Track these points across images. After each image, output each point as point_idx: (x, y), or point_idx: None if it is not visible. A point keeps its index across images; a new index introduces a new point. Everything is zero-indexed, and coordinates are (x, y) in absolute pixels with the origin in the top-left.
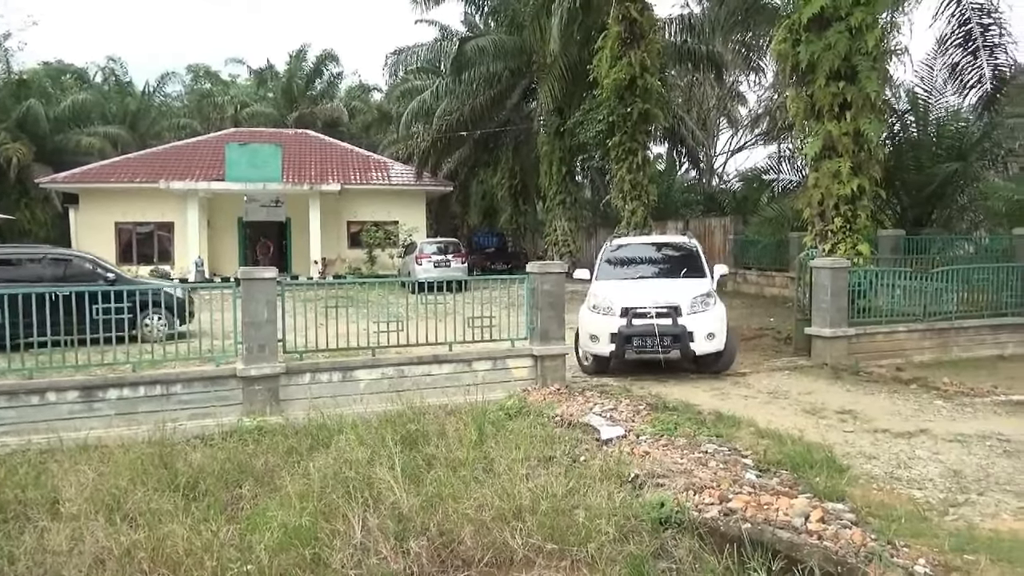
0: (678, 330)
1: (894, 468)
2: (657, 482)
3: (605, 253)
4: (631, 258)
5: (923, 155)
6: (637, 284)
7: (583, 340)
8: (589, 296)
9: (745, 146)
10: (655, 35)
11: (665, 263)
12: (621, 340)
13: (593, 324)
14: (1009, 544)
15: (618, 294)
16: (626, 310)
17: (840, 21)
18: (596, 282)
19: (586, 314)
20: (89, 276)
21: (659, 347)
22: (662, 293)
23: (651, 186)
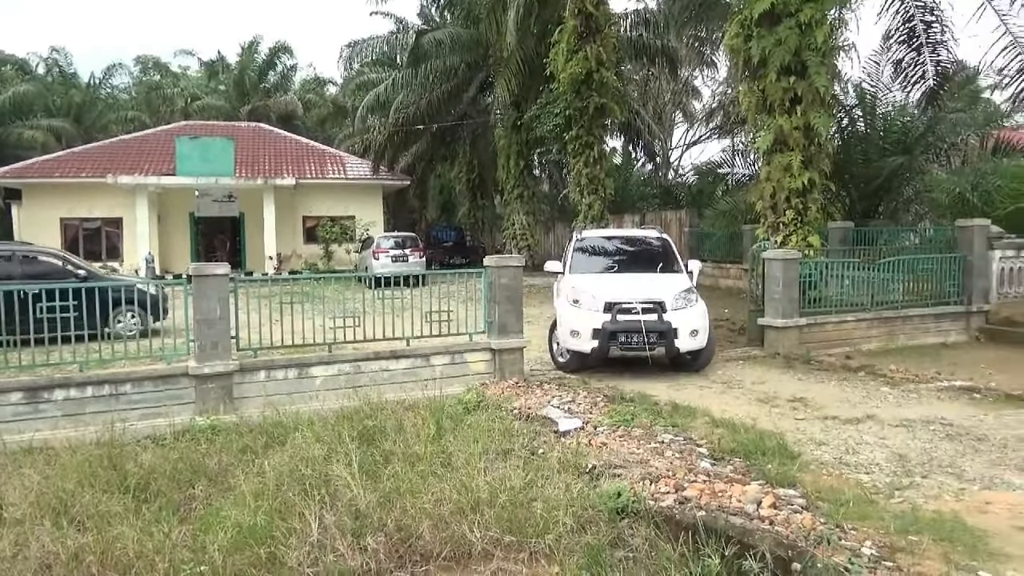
0: (664, 326)
1: (843, 453)
2: (614, 472)
3: (576, 245)
4: (605, 251)
5: (871, 149)
6: (617, 278)
7: (562, 336)
8: (564, 290)
9: (700, 140)
10: (611, 29)
11: (640, 257)
12: (605, 336)
13: (574, 319)
14: (951, 524)
15: (599, 288)
16: (610, 305)
17: (790, 17)
18: (571, 275)
19: (566, 308)
20: (60, 274)
21: (645, 344)
22: (645, 288)
23: (608, 180)
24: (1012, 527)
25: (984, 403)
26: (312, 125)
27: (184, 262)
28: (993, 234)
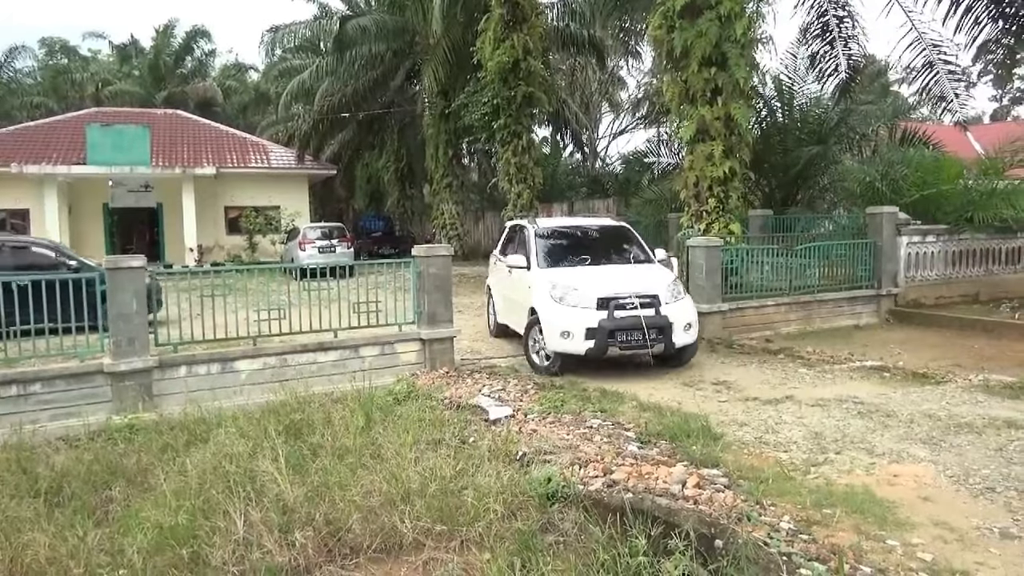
0: (662, 321)
1: (763, 433)
2: (544, 458)
3: (537, 236)
4: (570, 242)
5: (788, 139)
6: (597, 271)
7: (549, 338)
8: (540, 286)
9: (626, 129)
10: (538, 18)
11: (608, 247)
12: (603, 335)
13: (563, 318)
14: (862, 497)
15: (585, 283)
16: (604, 301)
17: (711, 9)
18: (544, 270)
19: (549, 307)
20: (51, 265)
21: (647, 341)
22: (634, 281)
23: (537, 169)
24: (917, 497)
25: (893, 381)
26: (233, 112)
27: (99, 254)
28: (901, 221)
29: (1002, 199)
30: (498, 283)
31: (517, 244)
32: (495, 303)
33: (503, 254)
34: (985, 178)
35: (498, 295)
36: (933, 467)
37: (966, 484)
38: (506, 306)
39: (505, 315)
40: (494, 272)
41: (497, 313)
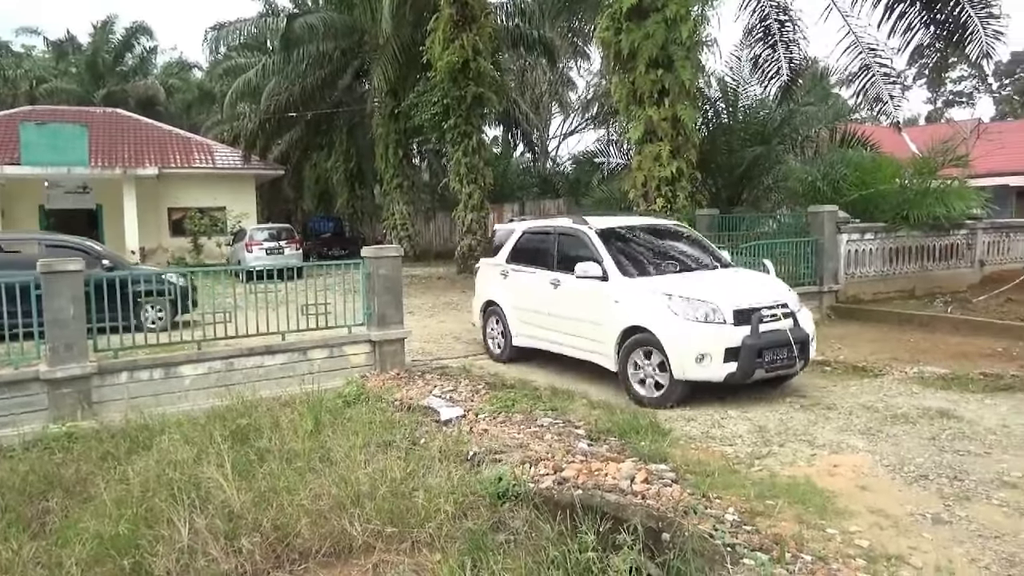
0: (804, 335)
1: (709, 428)
2: (495, 458)
3: (602, 242)
4: (642, 247)
5: (734, 140)
6: (707, 279)
7: (677, 363)
8: (649, 299)
9: (577, 130)
10: (487, 18)
11: (684, 252)
12: (749, 356)
13: (696, 338)
14: (803, 488)
15: (713, 293)
16: (743, 314)
17: (657, 12)
18: (633, 280)
19: (675, 325)
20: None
21: (795, 358)
22: (756, 290)
23: (487, 169)
24: (855, 487)
25: (834, 375)
26: (176, 111)
27: None
28: (841, 219)
29: (935, 198)
30: (518, 297)
31: (558, 251)
32: (508, 320)
33: (516, 262)
34: (919, 178)
35: (519, 311)
36: (871, 457)
37: (901, 473)
38: (545, 324)
39: (537, 335)
40: (502, 284)
41: (513, 333)
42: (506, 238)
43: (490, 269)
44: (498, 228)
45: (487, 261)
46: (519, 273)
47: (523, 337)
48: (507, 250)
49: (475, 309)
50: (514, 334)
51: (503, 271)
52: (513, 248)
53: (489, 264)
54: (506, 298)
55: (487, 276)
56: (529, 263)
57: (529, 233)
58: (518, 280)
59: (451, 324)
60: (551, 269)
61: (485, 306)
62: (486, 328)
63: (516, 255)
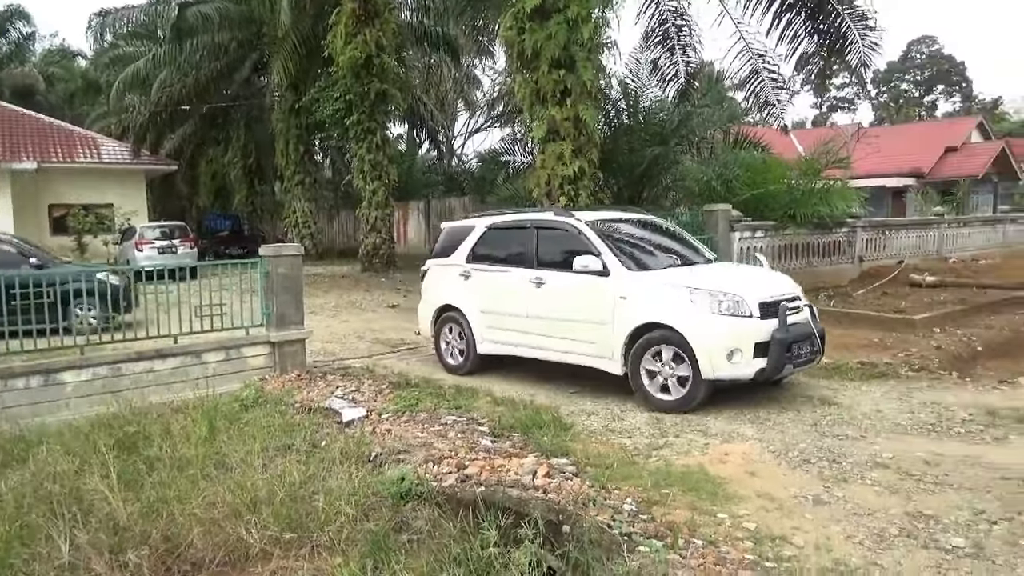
0: (820, 328)
1: (610, 421)
2: (398, 458)
3: (598, 235)
4: (636, 240)
5: (634, 140)
6: (716, 272)
7: (707, 362)
8: (666, 293)
9: (482, 128)
10: (391, 14)
11: (674, 246)
12: (780, 350)
13: (727, 334)
14: (697, 476)
15: (735, 285)
16: (766, 306)
17: (559, 13)
18: (640, 274)
19: (702, 320)
20: (12, 261)
21: (817, 352)
22: (768, 282)
23: (392, 166)
24: (745, 472)
25: None
26: (58, 102)
27: None
28: (734, 217)
29: (819, 198)
30: (486, 300)
31: (538, 246)
32: (473, 326)
33: (481, 261)
34: (805, 179)
35: (487, 315)
36: (759, 444)
37: (786, 458)
38: (523, 328)
39: (512, 340)
40: (463, 286)
41: (479, 340)
42: (461, 236)
43: (444, 271)
44: (446, 226)
45: (439, 262)
46: (487, 273)
47: (492, 344)
48: (466, 249)
49: (423, 317)
50: (480, 341)
51: (463, 272)
52: (475, 246)
53: (442, 265)
54: (470, 302)
55: (440, 279)
56: (499, 262)
57: (495, 229)
58: (486, 281)
59: (355, 323)
60: (531, 267)
61: (438, 313)
62: (439, 338)
63: (480, 254)
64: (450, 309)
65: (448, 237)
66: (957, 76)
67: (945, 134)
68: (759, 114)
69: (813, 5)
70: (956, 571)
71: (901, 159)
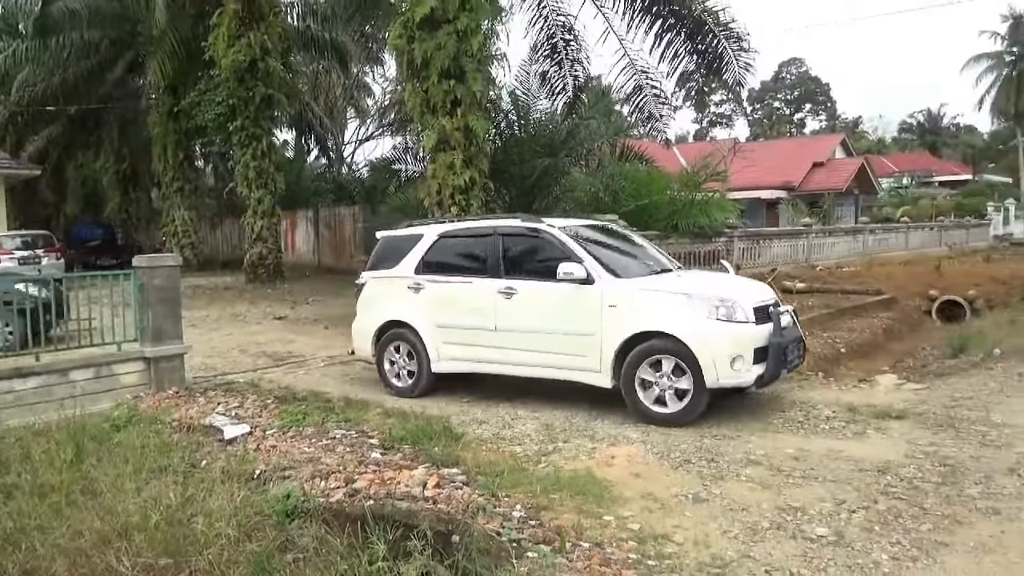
0: (800, 332)
1: (500, 429)
2: (283, 474)
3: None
4: (611, 247)
5: (525, 151)
6: (696, 278)
7: (711, 369)
8: (664, 300)
9: (373, 136)
10: (276, 17)
11: (645, 254)
12: (778, 354)
13: (731, 340)
14: (584, 480)
15: (728, 291)
16: (759, 312)
17: (449, 23)
18: (627, 281)
19: (704, 326)
20: None
21: (799, 356)
22: (750, 287)
23: (278, 174)
24: (630, 474)
25: None
26: None
27: None
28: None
29: (699, 209)
30: (443, 313)
31: (505, 255)
32: (427, 343)
33: (434, 272)
34: (686, 190)
35: (445, 330)
36: (643, 446)
37: (668, 459)
38: (490, 343)
39: (475, 356)
40: (413, 300)
41: (434, 358)
42: (405, 245)
43: (387, 284)
44: (385, 235)
45: (379, 274)
46: (443, 285)
47: (451, 362)
48: (414, 259)
49: (361, 334)
50: (435, 359)
51: (413, 284)
52: (425, 256)
53: (385, 278)
54: (423, 316)
55: (383, 292)
56: (457, 272)
57: (449, 237)
58: (442, 293)
59: (239, 337)
60: (498, 276)
61: (382, 330)
62: (382, 358)
63: (432, 264)
64: (397, 325)
65: (388, 247)
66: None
67: (813, 150)
68: (643, 128)
69: (692, 26)
70: (819, 559)
71: (774, 173)
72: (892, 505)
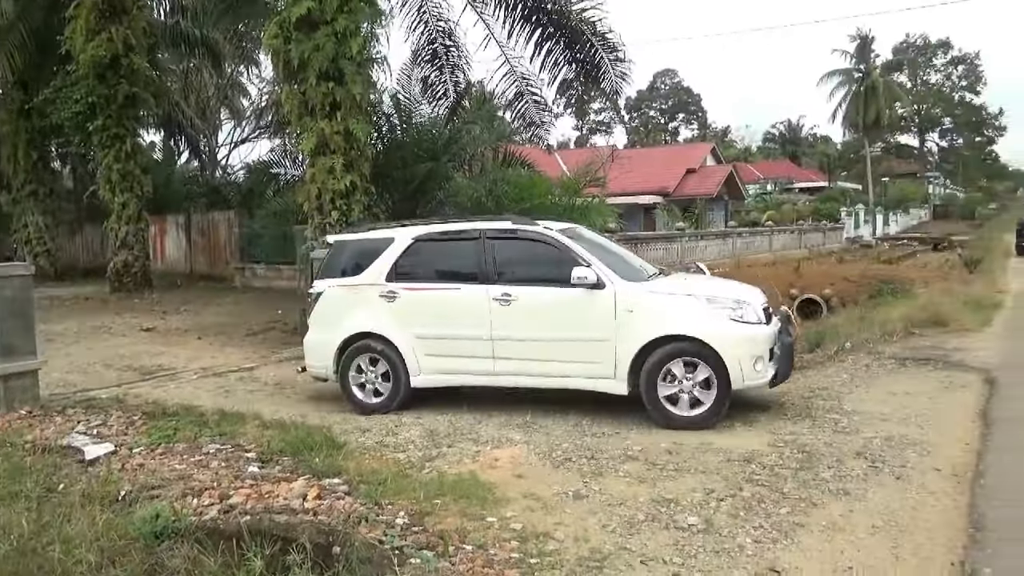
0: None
1: (384, 436)
2: (151, 494)
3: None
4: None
5: (408, 155)
6: (700, 280)
7: (738, 371)
8: (683, 303)
9: (250, 138)
10: (140, 11)
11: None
12: (788, 353)
13: (751, 340)
14: (468, 483)
15: (735, 292)
16: (766, 313)
17: (327, 25)
18: (637, 284)
19: (728, 329)
20: None
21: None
22: (743, 288)
23: (145, 176)
24: (513, 476)
25: None
26: None
27: None
28: None
29: (579, 213)
30: (426, 323)
31: (496, 259)
32: (405, 356)
33: (411, 280)
34: (567, 195)
35: (428, 341)
36: (526, 447)
37: (551, 458)
38: (483, 353)
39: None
40: (388, 309)
41: (414, 371)
42: (371, 250)
43: (353, 292)
44: (339, 239)
45: (341, 282)
46: (423, 292)
47: (435, 375)
48: (384, 265)
49: (318, 349)
50: (415, 372)
51: (386, 292)
52: (399, 261)
53: (350, 286)
54: (399, 327)
55: (348, 302)
56: (439, 278)
57: (427, 241)
58: (423, 301)
59: (102, 350)
60: (490, 282)
61: (348, 343)
62: (347, 373)
63: (408, 270)
64: (367, 337)
65: (348, 253)
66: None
67: (686, 158)
68: (526, 134)
69: (570, 35)
70: (690, 546)
71: (650, 179)
72: (756, 491)
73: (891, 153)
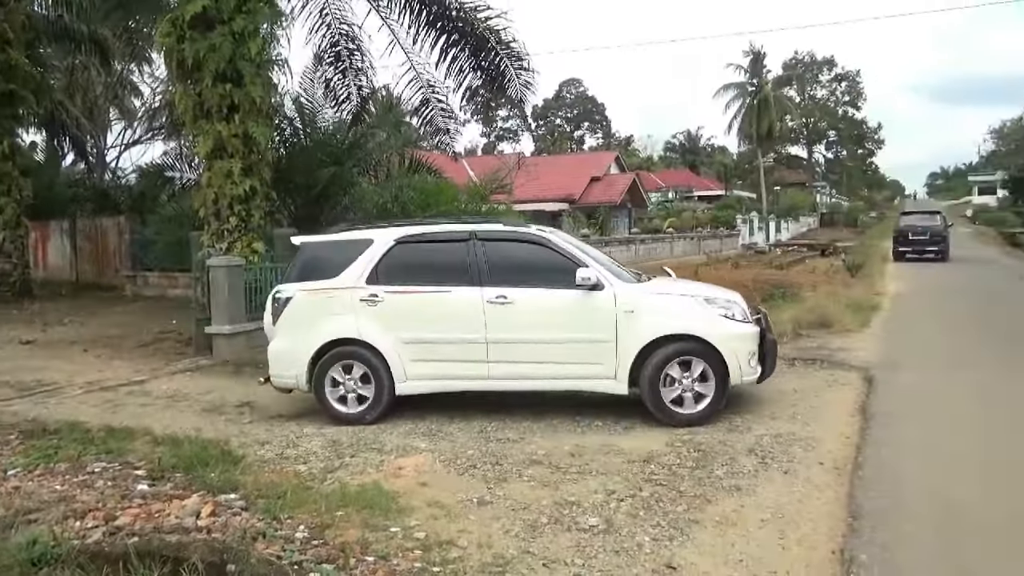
0: None
1: (284, 449)
2: (29, 518)
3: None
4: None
5: (311, 160)
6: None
7: (736, 368)
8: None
9: (142, 140)
10: (19, 3)
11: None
12: (774, 351)
13: (746, 339)
14: (371, 493)
15: (721, 292)
16: (758, 312)
17: (223, 24)
18: (635, 285)
19: (727, 327)
20: None
21: None
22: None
23: (25, 179)
24: (417, 484)
25: None
26: None
27: None
28: None
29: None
30: (414, 327)
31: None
32: (391, 362)
33: (394, 282)
34: (474, 202)
35: (416, 346)
36: (431, 455)
37: (455, 465)
38: (477, 357)
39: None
40: (370, 314)
41: (399, 378)
42: (347, 253)
43: (327, 297)
44: (307, 241)
45: (313, 286)
46: (410, 295)
47: (422, 381)
48: (364, 268)
49: (287, 358)
50: (401, 378)
51: (367, 296)
52: (380, 264)
53: (326, 290)
54: (384, 331)
55: (322, 306)
56: (427, 281)
57: (410, 243)
58: (410, 304)
59: None
60: (483, 284)
61: (322, 351)
62: (322, 383)
63: (391, 272)
64: (345, 343)
65: (319, 255)
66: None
67: (591, 165)
68: (432, 140)
69: (476, 43)
70: (591, 547)
71: (556, 186)
72: (654, 491)
73: (782, 163)
